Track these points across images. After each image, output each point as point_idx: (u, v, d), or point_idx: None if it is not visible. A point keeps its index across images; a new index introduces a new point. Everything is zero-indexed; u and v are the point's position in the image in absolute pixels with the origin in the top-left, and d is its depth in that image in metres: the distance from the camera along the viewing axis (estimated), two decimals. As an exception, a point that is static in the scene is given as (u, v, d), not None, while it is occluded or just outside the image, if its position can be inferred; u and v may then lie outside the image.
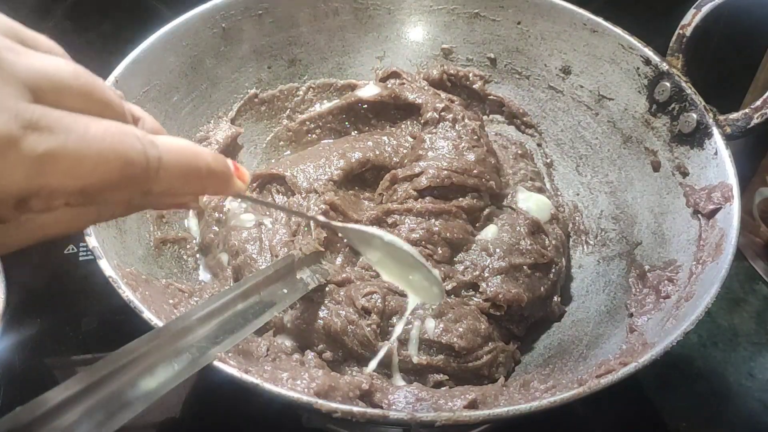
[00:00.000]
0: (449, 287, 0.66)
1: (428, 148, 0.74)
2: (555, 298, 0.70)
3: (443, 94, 0.81)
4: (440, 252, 0.68)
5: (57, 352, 0.79)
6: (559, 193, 0.81)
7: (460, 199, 0.71)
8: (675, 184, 0.69)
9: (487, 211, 0.72)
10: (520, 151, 0.81)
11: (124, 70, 0.67)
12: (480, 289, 0.66)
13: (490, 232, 0.71)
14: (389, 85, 0.81)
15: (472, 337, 0.62)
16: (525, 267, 0.68)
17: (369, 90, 0.82)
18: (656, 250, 0.67)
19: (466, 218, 0.71)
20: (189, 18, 0.74)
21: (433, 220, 0.69)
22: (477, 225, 0.71)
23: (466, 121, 0.75)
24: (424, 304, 0.63)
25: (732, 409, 0.76)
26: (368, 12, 0.84)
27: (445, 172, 0.71)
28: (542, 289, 0.68)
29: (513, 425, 0.69)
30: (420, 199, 0.70)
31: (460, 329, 0.62)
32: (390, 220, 0.70)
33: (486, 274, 0.67)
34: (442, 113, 0.76)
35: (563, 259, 0.72)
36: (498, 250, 0.68)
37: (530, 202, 0.74)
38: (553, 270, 0.70)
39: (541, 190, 0.76)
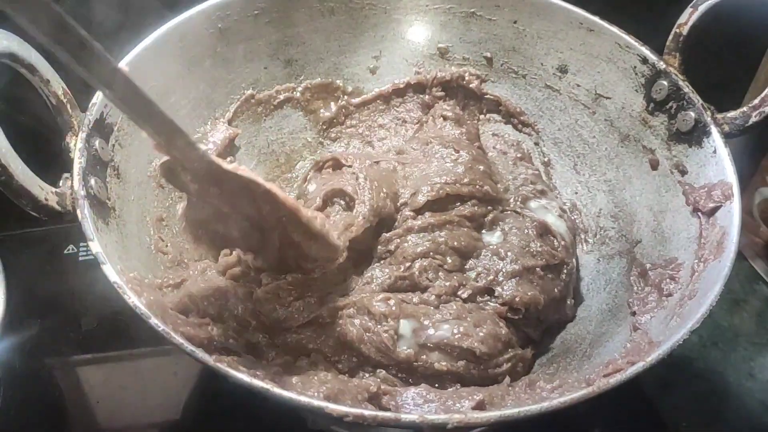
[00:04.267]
0: (465, 295, 0.66)
1: (407, 177, 0.74)
2: (569, 301, 0.70)
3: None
4: (450, 261, 0.68)
5: (57, 352, 0.79)
6: (557, 192, 0.81)
7: (460, 207, 0.71)
8: (674, 183, 0.69)
9: (490, 216, 0.72)
10: (519, 155, 0.81)
11: (121, 71, 0.67)
12: (495, 294, 0.67)
13: (495, 236, 0.71)
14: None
15: (492, 342, 0.62)
16: (538, 269, 0.68)
17: None
18: (656, 248, 0.68)
19: (470, 225, 0.71)
20: (185, 19, 0.73)
21: (437, 233, 0.69)
22: (483, 231, 0.72)
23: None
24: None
25: (732, 409, 0.77)
26: (364, 12, 0.84)
27: (438, 185, 0.71)
28: (556, 290, 0.69)
29: (512, 425, 0.69)
30: (419, 217, 0.70)
31: (481, 334, 0.62)
32: (392, 246, 0.69)
33: (500, 278, 0.67)
34: None
35: (573, 259, 0.72)
36: (509, 254, 0.68)
37: (541, 210, 0.75)
38: (565, 270, 0.70)
39: (543, 193, 0.77)
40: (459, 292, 0.66)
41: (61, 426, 0.74)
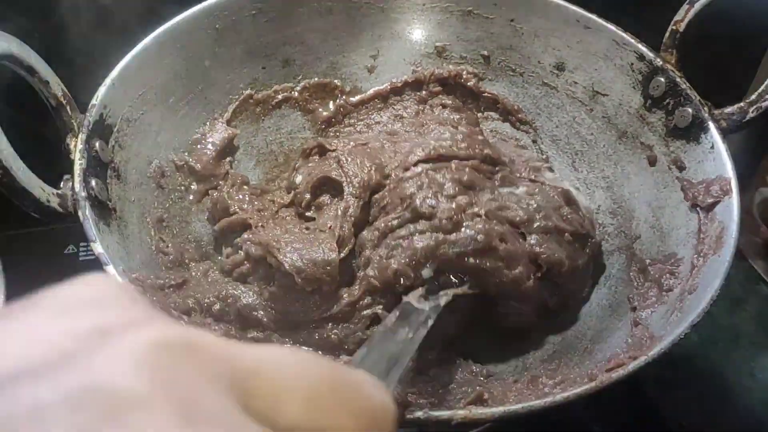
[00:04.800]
0: (482, 212, 0.63)
1: (398, 151, 0.72)
2: (589, 281, 0.70)
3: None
4: (449, 186, 0.64)
5: (57, 351, 0.78)
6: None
7: (460, 162, 0.68)
8: (672, 179, 0.70)
9: (499, 174, 0.69)
10: (520, 144, 0.81)
11: (119, 73, 0.66)
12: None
13: (519, 190, 0.68)
14: None
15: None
16: (567, 234, 0.65)
17: None
18: (655, 244, 0.68)
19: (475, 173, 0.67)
20: (183, 19, 0.73)
21: (434, 173, 0.65)
22: (497, 185, 0.68)
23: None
24: None
25: (732, 409, 0.77)
26: (361, 11, 0.84)
27: (431, 146, 0.69)
28: (580, 261, 0.66)
29: (512, 424, 0.70)
30: (412, 168, 0.68)
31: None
32: (384, 201, 0.66)
33: (533, 226, 0.64)
34: None
35: (596, 235, 0.70)
36: (540, 208, 0.65)
37: (557, 181, 0.74)
38: (589, 244, 0.68)
39: (551, 171, 0.76)
40: (474, 210, 0.63)
41: (62, 426, 0.73)
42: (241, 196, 0.73)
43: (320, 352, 0.62)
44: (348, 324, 0.63)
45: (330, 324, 0.62)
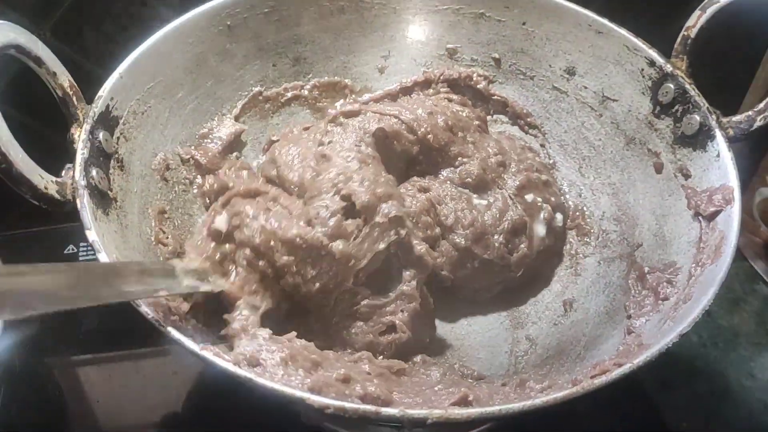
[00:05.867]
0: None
1: None
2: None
3: None
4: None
5: (57, 352, 0.80)
6: (560, 194, 0.80)
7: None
8: (677, 186, 0.68)
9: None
10: (528, 145, 0.81)
11: (129, 65, 0.68)
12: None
13: (483, 201, 0.73)
14: None
15: None
16: (476, 260, 0.70)
17: None
18: (656, 252, 0.67)
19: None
20: (194, 15, 0.75)
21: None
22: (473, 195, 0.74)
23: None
24: None
25: (732, 409, 0.76)
26: (374, 11, 0.84)
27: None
28: (476, 284, 0.72)
29: (513, 425, 0.69)
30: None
31: None
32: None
33: (455, 228, 0.70)
34: None
35: (519, 272, 0.72)
36: (467, 223, 0.71)
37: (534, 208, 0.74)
38: (498, 272, 0.72)
39: (546, 185, 0.76)
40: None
41: (61, 426, 0.74)
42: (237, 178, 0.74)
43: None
44: (364, 325, 0.64)
45: (350, 321, 0.63)
